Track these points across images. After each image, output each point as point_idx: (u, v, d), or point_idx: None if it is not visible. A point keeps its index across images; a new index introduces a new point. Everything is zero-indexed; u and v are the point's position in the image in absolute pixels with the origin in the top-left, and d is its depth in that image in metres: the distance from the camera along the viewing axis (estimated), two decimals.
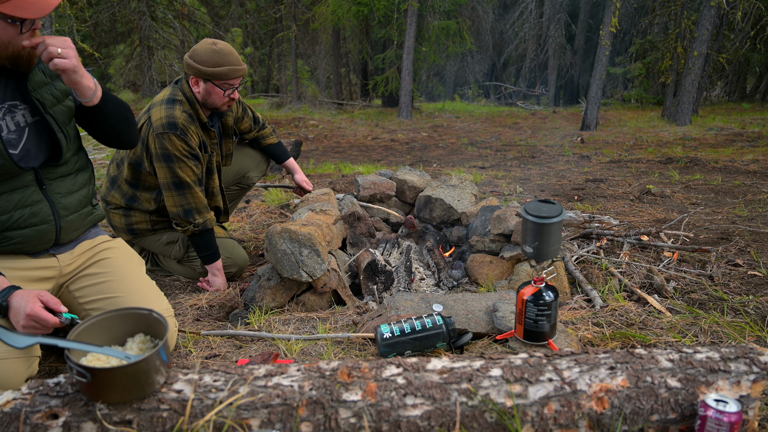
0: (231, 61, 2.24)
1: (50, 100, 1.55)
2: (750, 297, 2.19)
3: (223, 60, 2.22)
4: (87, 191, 1.73)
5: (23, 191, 1.51)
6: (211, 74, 2.22)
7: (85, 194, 1.72)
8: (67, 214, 1.64)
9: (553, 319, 1.63)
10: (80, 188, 1.69)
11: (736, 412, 1.05)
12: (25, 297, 1.34)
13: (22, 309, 1.32)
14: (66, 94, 1.60)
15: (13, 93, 1.49)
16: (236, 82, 2.30)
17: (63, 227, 1.63)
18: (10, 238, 1.53)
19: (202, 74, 2.22)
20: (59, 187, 1.61)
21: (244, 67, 2.30)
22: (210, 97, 2.29)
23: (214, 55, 2.22)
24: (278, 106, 15.83)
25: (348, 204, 3.09)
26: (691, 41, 11.07)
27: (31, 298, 1.34)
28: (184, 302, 2.31)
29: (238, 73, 2.27)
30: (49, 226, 1.59)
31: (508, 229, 2.51)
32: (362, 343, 1.83)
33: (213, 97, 2.29)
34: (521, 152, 7.98)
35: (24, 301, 1.33)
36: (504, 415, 1.09)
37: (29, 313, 1.31)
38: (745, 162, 6.20)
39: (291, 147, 5.30)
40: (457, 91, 23.47)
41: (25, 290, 1.38)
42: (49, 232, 1.59)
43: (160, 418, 1.06)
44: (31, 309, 1.31)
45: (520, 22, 19.36)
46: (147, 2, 12.85)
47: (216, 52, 2.22)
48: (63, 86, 1.59)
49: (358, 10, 13.50)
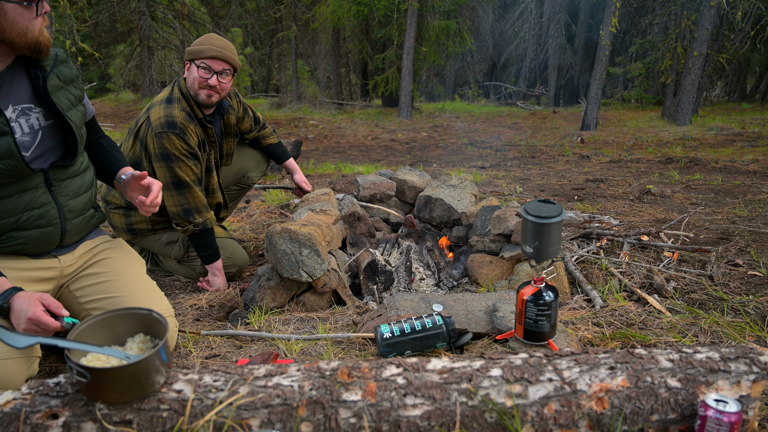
0: (214, 43, 2.24)
1: (67, 104, 1.57)
2: (750, 297, 2.19)
3: (207, 40, 2.26)
4: (91, 194, 1.75)
5: (33, 192, 1.52)
6: (191, 52, 2.26)
7: (90, 197, 1.74)
8: (73, 216, 1.65)
9: (553, 319, 1.63)
10: (86, 191, 1.70)
11: (736, 412, 1.05)
12: (26, 300, 1.34)
13: (23, 312, 1.32)
14: (79, 100, 1.64)
15: (28, 96, 1.50)
16: (214, 63, 2.23)
17: (68, 230, 1.64)
18: (15, 239, 1.53)
19: (187, 55, 2.27)
20: (66, 188, 1.62)
21: (227, 53, 2.24)
22: (190, 79, 2.28)
23: (203, 38, 2.28)
24: (278, 106, 15.84)
25: (348, 204, 3.09)
26: (691, 41, 11.07)
27: (33, 302, 1.34)
28: (184, 302, 2.31)
29: (215, 53, 2.21)
30: (55, 229, 1.60)
31: (508, 229, 2.51)
32: (362, 343, 1.83)
33: (191, 78, 2.27)
34: (521, 152, 7.98)
35: (26, 304, 1.33)
36: (504, 415, 1.09)
37: (30, 317, 1.31)
38: (745, 162, 6.20)
39: (291, 147, 5.30)
40: (457, 91, 23.47)
41: (27, 292, 1.38)
42: (54, 234, 1.60)
43: (160, 418, 1.06)
44: (33, 313, 1.31)
45: (520, 22, 19.37)
46: (147, 2, 12.85)
47: (207, 36, 2.28)
48: (77, 92, 1.63)
49: (358, 10, 13.50)
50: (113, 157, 1.84)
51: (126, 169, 1.81)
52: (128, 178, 1.70)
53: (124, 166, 1.83)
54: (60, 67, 1.58)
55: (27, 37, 1.39)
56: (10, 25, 1.35)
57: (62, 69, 1.59)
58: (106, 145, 1.86)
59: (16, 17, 1.35)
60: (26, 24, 1.37)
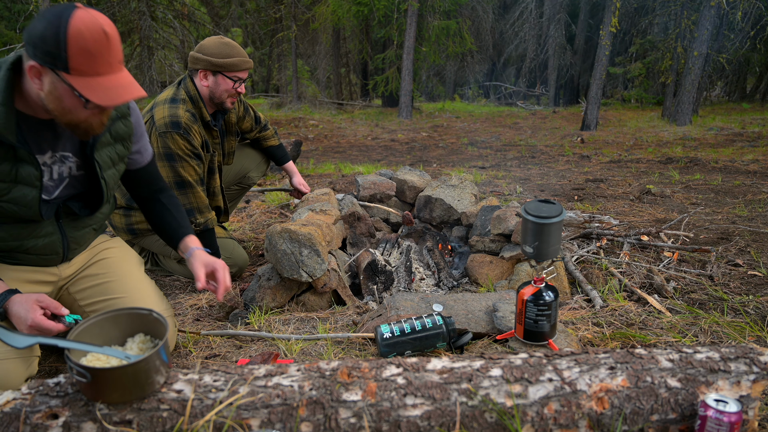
0: (240, 53, 2.30)
1: (107, 163, 1.53)
2: (750, 297, 2.19)
3: (233, 51, 2.28)
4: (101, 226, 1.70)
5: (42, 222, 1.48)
6: (221, 65, 2.26)
7: (98, 227, 1.69)
8: (77, 247, 1.63)
9: (553, 319, 1.63)
10: (97, 227, 1.68)
11: (736, 412, 1.05)
12: (23, 304, 1.30)
13: (23, 319, 1.28)
14: (122, 158, 1.59)
15: (71, 145, 1.46)
16: (244, 74, 2.34)
17: (69, 257, 1.63)
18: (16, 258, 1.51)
19: (212, 66, 2.26)
20: (76, 222, 1.58)
21: (251, 61, 2.36)
22: (218, 90, 2.32)
23: (224, 47, 2.27)
24: (278, 106, 15.84)
25: (348, 204, 3.10)
26: (691, 41, 11.07)
27: (31, 306, 1.30)
28: (184, 302, 2.31)
29: (247, 65, 2.32)
30: (56, 257, 1.58)
31: (508, 229, 2.51)
32: (362, 343, 1.83)
33: (221, 90, 2.32)
34: (521, 152, 7.98)
35: (23, 309, 1.29)
36: (504, 415, 1.09)
37: (31, 324, 1.27)
38: (745, 162, 6.20)
39: (291, 147, 5.30)
40: (457, 91, 23.47)
41: (24, 295, 1.34)
42: (54, 261, 1.59)
43: (160, 418, 1.06)
44: (33, 320, 1.28)
45: (520, 22, 19.36)
46: (147, 2, 12.85)
47: (226, 44, 2.28)
48: (123, 151, 1.58)
49: (358, 10, 13.50)
50: (176, 221, 1.72)
51: (191, 241, 1.68)
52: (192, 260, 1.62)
53: (188, 233, 1.71)
54: (117, 123, 1.53)
55: (66, 117, 1.31)
56: (54, 96, 1.27)
57: (118, 125, 1.54)
58: (167, 204, 1.74)
59: (64, 96, 1.27)
60: (71, 107, 1.30)
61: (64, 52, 1.18)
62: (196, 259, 1.61)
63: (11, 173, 1.34)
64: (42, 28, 1.19)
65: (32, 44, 1.21)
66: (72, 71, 1.21)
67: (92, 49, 1.21)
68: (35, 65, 1.22)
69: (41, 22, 1.20)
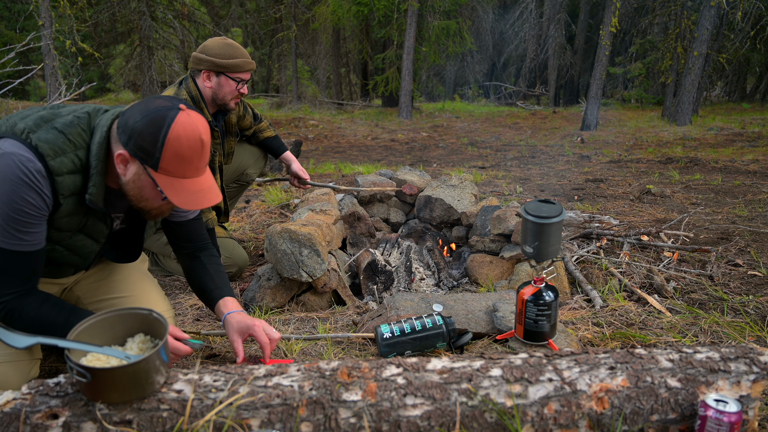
0: (243, 54, 2.32)
1: (150, 223, 1.60)
2: (750, 297, 2.19)
3: (237, 53, 2.29)
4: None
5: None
6: (225, 66, 2.27)
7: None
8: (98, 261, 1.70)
9: (553, 319, 1.63)
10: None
11: (736, 412, 1.05)
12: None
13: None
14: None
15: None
16: (247, 75, 2.35)
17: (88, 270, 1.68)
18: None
19: (216, 66, 2.27)
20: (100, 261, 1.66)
21: (254, 62, 2.37)
22: (221, 91, 2.33)
23: (228, 48, 2.28)
24: (278, 106, 15.84)
25: (348, 204, 3.10)
26: (691, 41, 11.07)
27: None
28: (184, 302, 2.31)
29: (250, 66, 2.34)
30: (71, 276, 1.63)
31: (508, 229, 2.51)
32: (362, 343, 1.83)
33: (224, 91, 2.33)
34: (521, 152, 7.98)
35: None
36: (504, 415, 1.09)
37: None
38: (745, 162, 6.20)
39: (291, 147, 5.29)
40: (457, 91, 23.47)
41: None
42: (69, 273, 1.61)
43: (160, 418, 1.06)
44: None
45: (520, 22, 19.36)
46: (147, 2, 12.84)
47: (229, 45, 2.29)
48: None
49: (358, 10, 13.50)
50: (213, 282, 1.64)
51: (227, 303, 1.60)
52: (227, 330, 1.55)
53: (225, 294, 1.62)
54: None
55: (141, 203, 1.34)
56: (136, 186, 1.29)
57: None
58: (206, 264, 1.67)
59: (145, 187, 1.28)
60: (149, 197, 1.31)
61: (158, 153, 1.20)
62: (230, 328, 1.53)
63: (79, 224, 1.37)
64: (143, 125, 1.20)
65: (128, 135, 1.21)
66: (160, 170, 1.23)
67: (186, 156, 1.23)
68: (125, 154, 1.24)
69: (144, 118, 1.20)
